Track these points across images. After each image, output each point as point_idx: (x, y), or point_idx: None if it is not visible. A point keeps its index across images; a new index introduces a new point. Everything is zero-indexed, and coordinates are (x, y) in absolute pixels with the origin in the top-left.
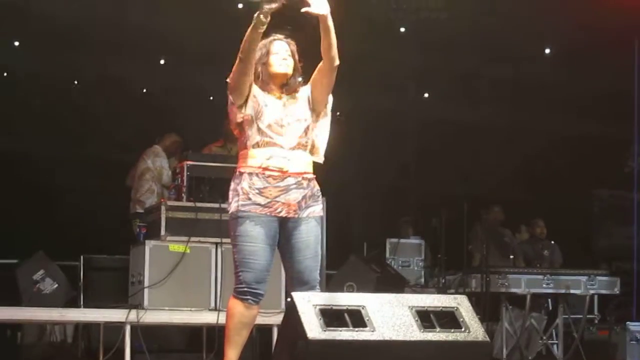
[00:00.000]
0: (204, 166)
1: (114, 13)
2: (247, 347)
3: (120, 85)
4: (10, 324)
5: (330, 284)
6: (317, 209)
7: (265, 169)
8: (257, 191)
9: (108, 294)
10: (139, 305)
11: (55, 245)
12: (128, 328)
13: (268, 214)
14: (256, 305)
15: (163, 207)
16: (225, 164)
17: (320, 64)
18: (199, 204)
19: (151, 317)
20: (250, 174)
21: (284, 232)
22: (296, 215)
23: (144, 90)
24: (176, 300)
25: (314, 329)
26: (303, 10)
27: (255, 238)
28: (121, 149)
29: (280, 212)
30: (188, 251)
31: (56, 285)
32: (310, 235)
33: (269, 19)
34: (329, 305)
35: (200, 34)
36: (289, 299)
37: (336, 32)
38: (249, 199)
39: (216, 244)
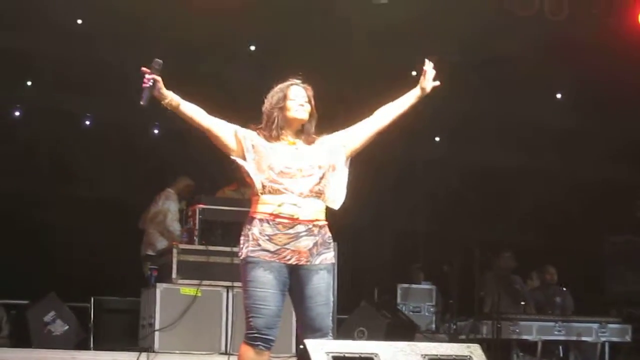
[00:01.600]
0: (216, 209)
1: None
2: None
3: (132, 127)
4: None
5: (341, 329)
6: (329, 256)
7: (276, 216)
8: (266, 237)
9: (118, 336)
10: (149, 348)
11: (66, 287)
12: None
13: (277, 260)
14: (267, 350)
15: (175, 250)
16: (238, 207)
17: (378, 124)
18: (211, 248)
19: None
20: (261, 220)
21: (295, 279)
22: (308, 263)
23: (156, 132)
24: (187, 344)
25: None
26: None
27: (265, 284)
28: (134, 191)
29: (290, 259)
30: (199, 294)
31: (67, 327)
32: (322, 282)
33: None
34: (342, 352)
35: (214, 77)
36: (301, 346)
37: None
38: (259, 245)
39: (227, 287)
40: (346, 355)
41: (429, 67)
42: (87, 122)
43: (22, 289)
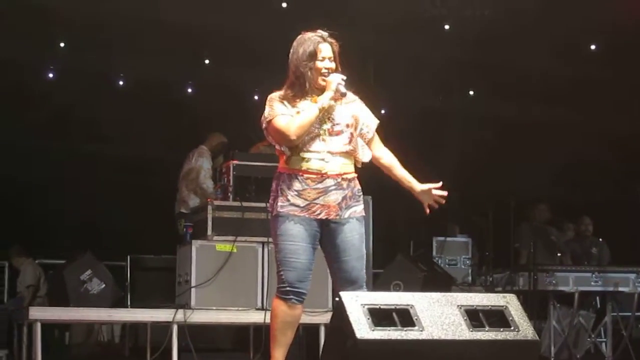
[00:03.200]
0: (250, 165)
1: (154, 13)
2: (294, 346)
3: (166, 84)
4: (58, 324)
5: (377, 283)
6: (359, 208)
7: (305, 171)
8: (295, 193)
9: (155, 294)
10: (185, 305)
11: (103, 246)
12: (175, 328)
13: (307, 215)
14: (300, 304)
15: (210, 207)
16: (271, 163)
17: (377, 159)
18: (245, 204)
19: (198, 316)
20: (289, 175)
21: (327, 234)
22: (337, 217)
23: (189, 91)
24: (223, 300)
25: (362, 328)
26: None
27: (295, 237)
28: (169, 149)
29: (320, 214)
30: (235, 251)
31: (103, 286)
32: (354, 234)
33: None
34: (377, 304)
35: (243, 33)
36: (337, 299)
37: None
38: (288, 200)
39: (263, 243)
40: (381, 306)
41: (437, 192)
42: (121, 82)
43: (59, 248)
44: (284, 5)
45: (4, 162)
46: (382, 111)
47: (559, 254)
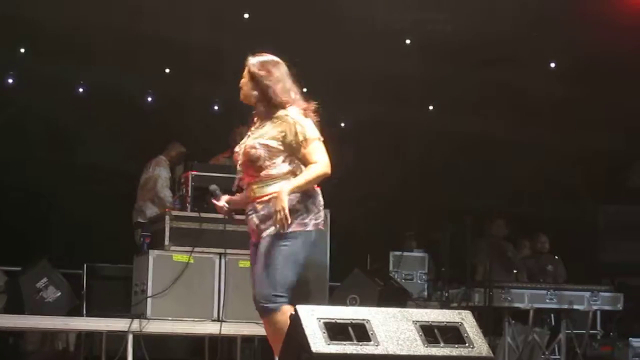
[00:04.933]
0: (208, 176)
1: (119, 21)
2: (249, 357)
3: (124, 94)
4: (12, 331)
5: (333, 297)
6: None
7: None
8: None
9: (111, 303)
10: (142, 315)
11: (58, 254)
12: (131, 337)
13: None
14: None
15: (167, 217)
16: (230, 174)
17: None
18: (203, 215)
19: (154, 326)
20: None
21: None
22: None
23: (149, 100)
24: (179, 310)
25: (318, 342)
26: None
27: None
28: (126, 159)
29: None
30: (192, 261)
31: (59, 294)
32: (262, 248)
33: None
34: (333, 318)
35: (205, 44)
36: (292, 312)
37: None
38: None
39: (220, 254)
40: (337, 320)
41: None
42: (81, 90)
43: (16, 255)
44: (246, 16)
45: None
46: (342, 124)
47: (514, 271)
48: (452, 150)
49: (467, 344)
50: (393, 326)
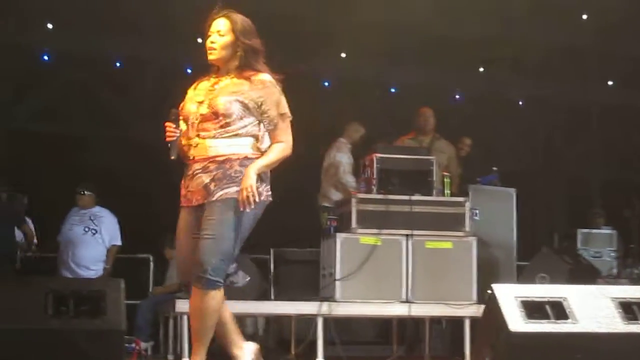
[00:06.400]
0: (394, 158)
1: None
2: (436, 339)
3: (303, 78)
4: None
5: (522, 276)
6: (230, 190)
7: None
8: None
9: (298, 287)
10: (330, 298)
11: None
12: (320, 320)
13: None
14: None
15: (354, 200)
16: (415, 155)
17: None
18: (389, 196)
19: (343, 309)
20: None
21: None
22: (205, 201)
23: (326, 84)
24: (367, 293)
25: (515, 320)
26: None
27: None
28: (307, 142)
29: (192, 201)
30: (379, 243)
31: (248, 278)
32: (213, 216)
33: None
34: (530, 297)
35: (378, 27)
36: (489, 291)
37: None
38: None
39: (407, 235)
40: (534, 299)
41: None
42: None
43: None
44: None
45: None
46: (520, 102)
47: None
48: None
49: None
50: (591, 304)
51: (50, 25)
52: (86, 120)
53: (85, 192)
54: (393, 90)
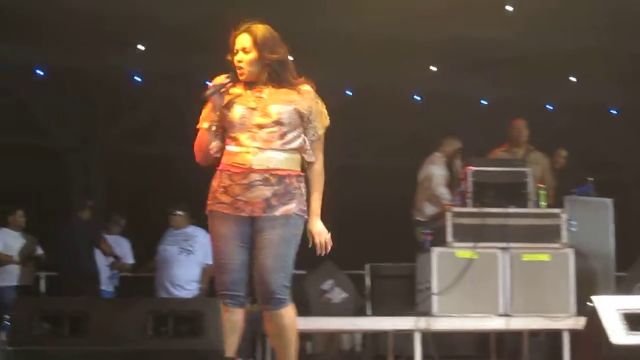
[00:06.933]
0: (488, 171)
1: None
2: (535, 351)
3: (391, 92)
4: (300, 333)
5: (620, 286)
6: (291, 207)
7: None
8: (222, 189)
9: (394, 302)
10: (427, 312)
11: (340, 254)
12: (418, 335)
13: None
14: (238, 308)
15: (449, 214)
16: (510, 168)
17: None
18: (484, 209)
19: (440, 324)
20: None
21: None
22: (264, 214)
23: (415, 97)
24: (465, 306)
25: (617, 333)
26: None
27: (223, 237)
28: (397, 156)
29: (243, 211)
30: (475, 257)
31: (345, 295)
32: (274, 235)
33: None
34: (631, 309)
35: (467, 40)
36: (588, 304)
37: None
38: (216, 197)
39: (503, 248)
40: (636, 311)
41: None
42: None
43: (300, 259)
44: (509, 8)
45: None
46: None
47: None
48: None
49: None
50: None
51: (141, 47)
52: (179, 139)
53: (178, 213)
54: (484, 102)
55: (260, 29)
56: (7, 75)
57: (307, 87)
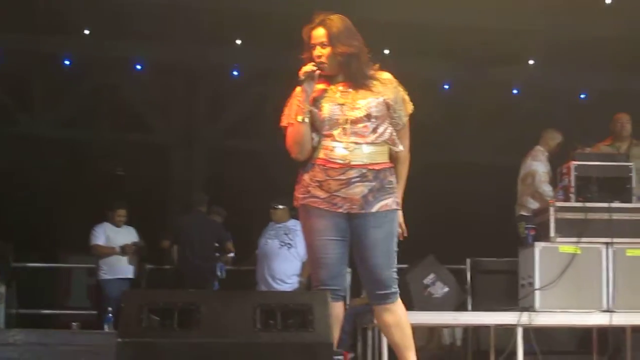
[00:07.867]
0: (591, 165)
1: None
2: (637, 347)
3: (491, 88)
4: None
5: None
6: (388, 202)
7: (327, 160)
8: (317, 184)
9: (495, 297)
10: (530, 308)
11: (443, 249)
12: (520, 330)
13: (328, 208)
14: (337, 302)
15: (552, 209)
16: (613, 162)
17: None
18: (587, 204)
19: (543, 319)
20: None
21: (351, 228)
22: (361, 210)
23: (515, 92)
24: (567, 302)
25: None
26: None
27: (321, 232)
28: (495, 152)
29: (341, 207)
30: (578, 252)
31: (447, 289)
32: (379, 232)
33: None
34: None
35: (567, 34)
36: None
37: None
38: (308, 191)
39: (607, 244)
40: None
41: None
42: (446, 87)
43: (402, 253)
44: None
45: None
46: None
47: None
48: None
49: None
50: None
51: (238, 42)
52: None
53: (279, 207)
54: (583, 96)
55: (335, 21)
56: (109, 73)
57: (388, 76)
